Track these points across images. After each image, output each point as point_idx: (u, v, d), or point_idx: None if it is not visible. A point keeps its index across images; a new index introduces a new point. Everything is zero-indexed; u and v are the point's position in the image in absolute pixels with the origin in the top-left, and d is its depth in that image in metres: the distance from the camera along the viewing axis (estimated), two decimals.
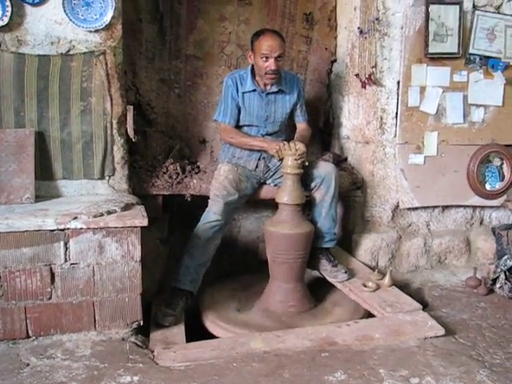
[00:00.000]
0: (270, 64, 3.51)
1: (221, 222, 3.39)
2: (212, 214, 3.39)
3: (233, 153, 3.74)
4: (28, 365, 2.62)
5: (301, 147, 3.43)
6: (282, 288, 3.48)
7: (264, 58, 3.50)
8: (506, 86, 4.00)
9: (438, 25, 3.79)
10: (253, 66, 3.65)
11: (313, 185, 3.60)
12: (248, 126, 3.73)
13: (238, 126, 3.74)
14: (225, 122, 3.70)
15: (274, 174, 3.73)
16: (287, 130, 3.91)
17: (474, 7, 3.87)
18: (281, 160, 3.52)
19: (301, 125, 3.91)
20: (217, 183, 3.55)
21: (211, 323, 3.31)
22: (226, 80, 3.71)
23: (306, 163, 3.47)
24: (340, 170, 3.99)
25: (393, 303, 3.28)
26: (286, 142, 3.51)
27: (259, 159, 3.71)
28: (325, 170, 3.60)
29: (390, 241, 3.99)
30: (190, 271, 3.37)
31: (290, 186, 3.43)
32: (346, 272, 3.61)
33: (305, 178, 3.55)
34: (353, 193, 4.08)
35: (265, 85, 3.67)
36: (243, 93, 3.66)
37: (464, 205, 4.18)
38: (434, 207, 4.14)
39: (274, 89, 3.68)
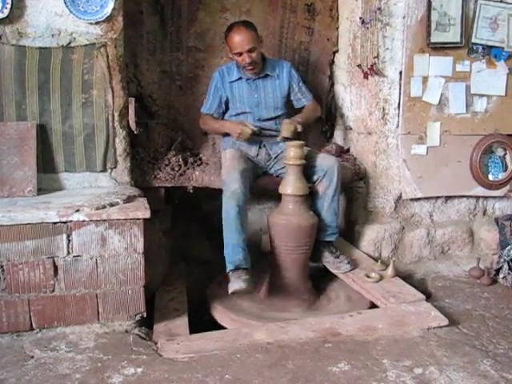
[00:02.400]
0: (244, 58, 3.59)
1: (241, 188, 3.32)
2: (231, 183, 3.32)
3: (233, 141, 3.76)
4: (32, 357, 2.63)
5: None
6: (286, 279, 3.48)
7: (237, 54, 3.59)
8: (509, 75, 3.98)
9: (441, 14, 3.77)
10: None
11: (315, 177, 3.59)
12: (242, 113, 3.79)
13: (233, 116, 3.82)
14: (203, 112, 3.88)
15: (275, 164, 3.74)
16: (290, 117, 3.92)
17: None
18: (246, 140, 3.64)
19: (306, 105, 3.95)
20: (225, 164, 3.56)
21: (218, 313, 3.32)
22: (214, 74, 3.85)
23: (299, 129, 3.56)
24: (342, 161, 3.99)
25: (396, 294, 3.27)
26: (247, 123, 3.62)
27: (260, 147, 3.75)
28: (327, 163, 3.59)
29: (392, 231, 3.99)
30: (238, 249, 3.31)
31: (293, 177, 3.43)
32: (349, 262, 3.60)
33: (307, 171, 3.54)
34: (355, 184, 4.07)
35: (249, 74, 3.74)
36: (230, 82, 3.76)
37: (467, 195, 4.17)
38: (437, 198, 4.13)
39: (261, 74, 3.76)
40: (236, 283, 3.15)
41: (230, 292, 3.16)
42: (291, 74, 3.86)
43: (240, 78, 3.75)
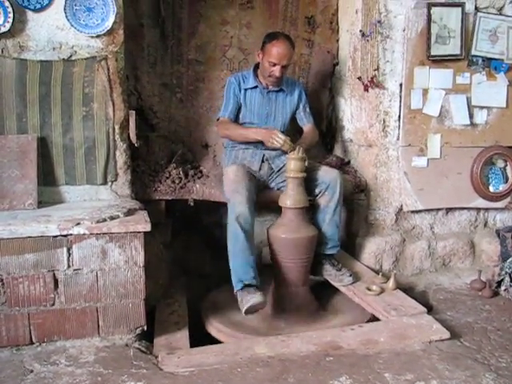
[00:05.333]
0: (276, 70, 3.61)
1: (248, 210, 3.29)
2: (238, 205, 3.28)
3: (236, 155, 3.75)
4: (32, 371, 2.61)
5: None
6: (286, 292, 3.46)
7: (271, 63, 3.58)
8: (509, 87, 3.99)
9: (440, 27, 3.78)
10: (256, 65, 3.75)
11: (317, 191, 3.59)
12: (249, 123, 3.77)
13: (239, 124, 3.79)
14: (224, 116, 3.76)
15: (277, 177, 3.72)
16: (290, 135, 3.91)
17: (476, 9, 3.86)
18: (283, 151, 3.54)
19: (305, 127, 3.94)
20: (229, 182, 3.48)
21: (214, 329, 3.30)
22: (228, 79, 3.82)
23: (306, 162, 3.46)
24: (343, 173, 3.97)
25: (397, 307, 3.26)
26: (277, 132, 3.53)
27: (263, 161, 3.72)
28: (330, 176, 3.58)
29: (393, 244, 3.98)
30: (248, 268, 3.26)
31: (293, 190, 3.42)
32: (351, 275, 3.59)
33: (309, 184, 3.54)
34: (356, 196, 4.06)
35: (267, 83, 3.74)
36: (245, 89, 3.75)
37: (468, 207, 4.16)
38: (438, 210, 4.12)
39: (276, 87, 3.76)
40: (251, 298, 3.09)
41: (244, 309, 3.09)
42: (301, 95, 3.89)
43: (256, 87, 3.75)
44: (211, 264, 4.03)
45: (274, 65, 3.59)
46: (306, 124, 3.94)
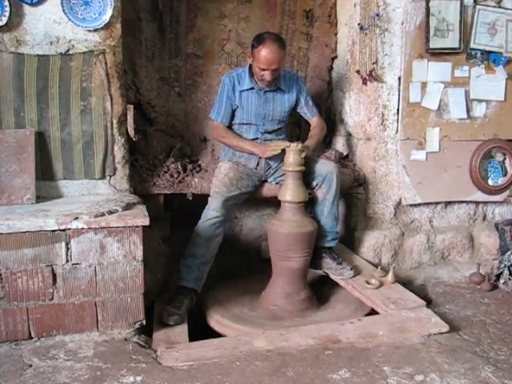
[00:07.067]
0: (266, 75, 3.54)
1: (220, 217, 3.39)
2: (211, 211, 3.39)
3: (233, 151, 3.74)
4: (31, 366, 2.61)
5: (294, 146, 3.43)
6: (285, 286, 3.46)
7: (261, 69, 3.52)
8: (508, 80, 3.99)
9: (439, 20, 3.77)
10: (251, 64, 3.66)
11: (314, 183, 3.59)
12: (246, 124, 3.74)
13: (236, 124, 3.77)
14: (217, 121, 3.75)
15: (275, 172, 3.72)
16: (288, 129, 3.92)
17: (475, 2, 3.85)
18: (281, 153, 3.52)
19: (312, 121, 3.91)
20: (217, 181, 3.56)
21: (216, 322, 3.30)
22: (223, 79, 3.74)
23: (303, 154, 3.45)
24: (342, 167, 3.97)
25: (396, 300, 3.26)
26: (273, 142, 3.60)
27: (260, 158, 3.69)
28: (326, 168, 3.58)
29: (392, 237, 3.98)
30: (193, 270, 3.38)
31: (292, 184, 3.42)
32: (351, 269, 3.60)
33: (306, 177, 3.53)
34: (355, 190, 4.06)
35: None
36: (241, 91, 3.67)
37: (467, 200, 4.16)
38: (437, 203, 4.12)
39: (272, 87, 3.68)
40: (167, 318, 3.15)
41: (164, 320, 3.16)
42: (300, 89, 3.82)
43: (252, 88, 3.67)
44: None
45: (264, 70, 3.51)
46: (312, 118, 3.90)
